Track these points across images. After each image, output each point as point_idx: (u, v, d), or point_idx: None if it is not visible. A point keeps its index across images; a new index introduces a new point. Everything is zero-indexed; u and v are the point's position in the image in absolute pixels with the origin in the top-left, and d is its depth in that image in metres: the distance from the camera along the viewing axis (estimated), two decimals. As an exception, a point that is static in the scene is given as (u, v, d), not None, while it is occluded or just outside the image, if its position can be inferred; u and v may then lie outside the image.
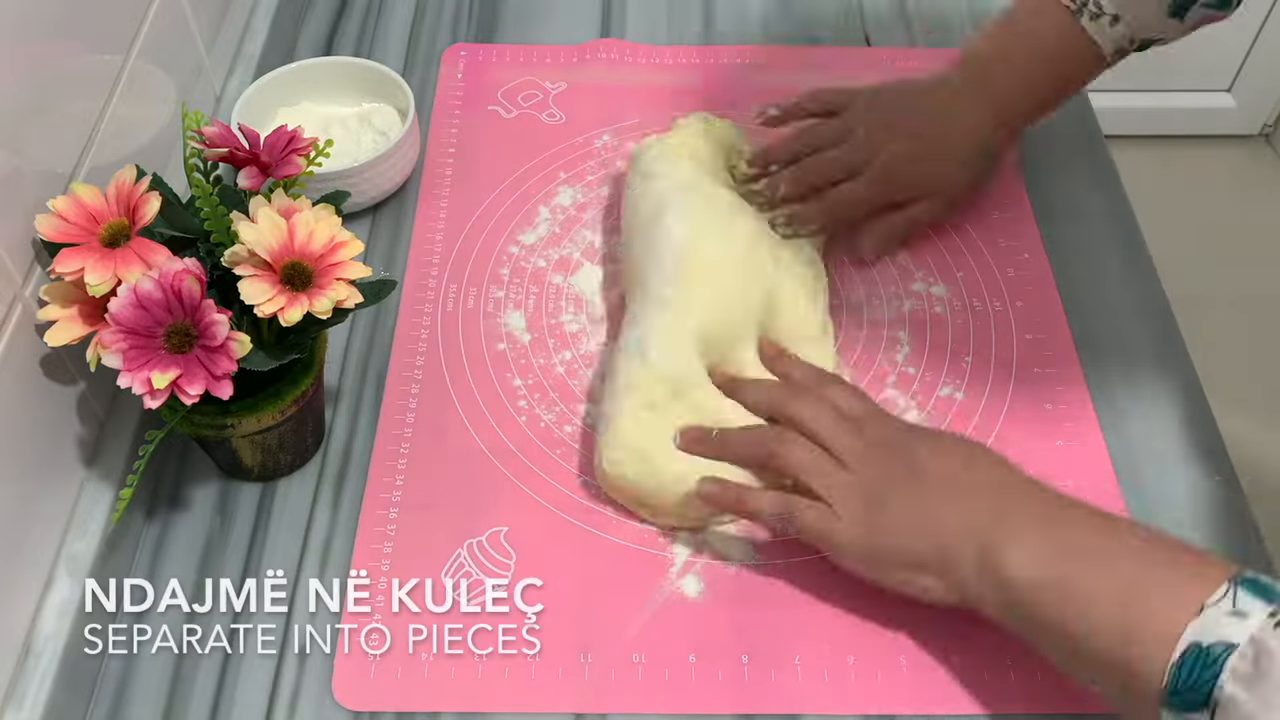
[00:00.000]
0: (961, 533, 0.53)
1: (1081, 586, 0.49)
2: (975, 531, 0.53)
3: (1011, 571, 0.50)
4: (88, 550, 0.57)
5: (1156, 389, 0.68)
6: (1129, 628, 0.47)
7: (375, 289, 0.58)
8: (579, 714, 0.56)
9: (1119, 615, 0.47)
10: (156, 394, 0.50)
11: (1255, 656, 0.43)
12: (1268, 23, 1.79)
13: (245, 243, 0.53)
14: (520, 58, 0.88)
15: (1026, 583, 0.50)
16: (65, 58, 0.60)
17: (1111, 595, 0.48)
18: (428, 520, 0.62)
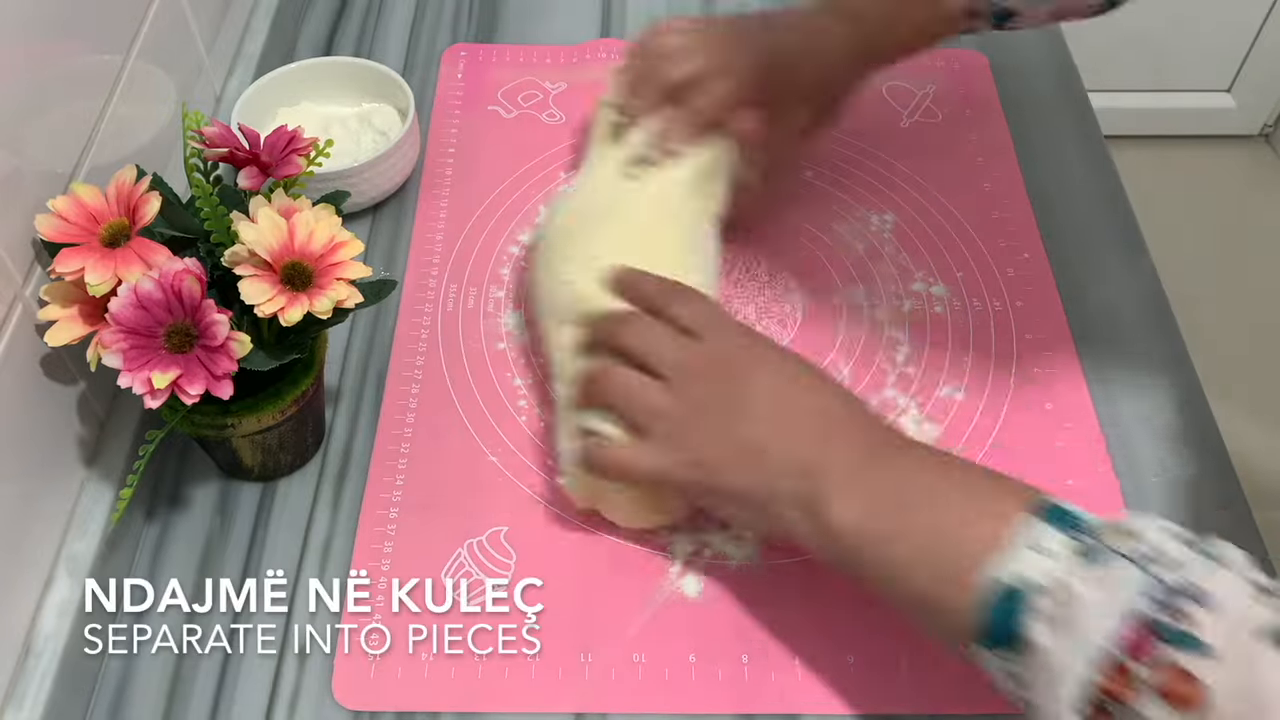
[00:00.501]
0: (785, 472, 0.52)
1: (895, 529, 0.49)
2: (796, 474, 0.52)
3: (834, 520, 0.50)
4: (88, 550, 0.57)
5: (1156, 389, 0.68)
6: (939, 570, 0.47)
7: (375, 289, 0.58)
8: (579, 714, 0.56)
9: (930, 559, 0.48)
10: (157, 394, 0.50)
11: (1058, 596, 0.42)
12: (1268, 23, 1.80)
13: (245, 243, 0.53)
14: (520, 58, 0.88)
15: (849, 531, 0.50)
16: (65, 58, 0.60)
17: (924, 540, 0.48)
18: (428, 520, 0.62)
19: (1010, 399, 0.68)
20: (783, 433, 0.53)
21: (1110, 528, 0.44)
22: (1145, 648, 0.40)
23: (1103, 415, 0.67)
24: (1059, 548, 0.44)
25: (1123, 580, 0.41)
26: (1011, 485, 0.49)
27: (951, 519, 0.48)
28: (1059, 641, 0.42)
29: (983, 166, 0.81)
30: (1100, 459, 0.65)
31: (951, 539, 0.47)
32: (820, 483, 0.51)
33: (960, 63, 0.88)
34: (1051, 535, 0.44)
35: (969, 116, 0.84)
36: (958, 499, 0.49)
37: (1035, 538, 0.44)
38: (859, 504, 0.50)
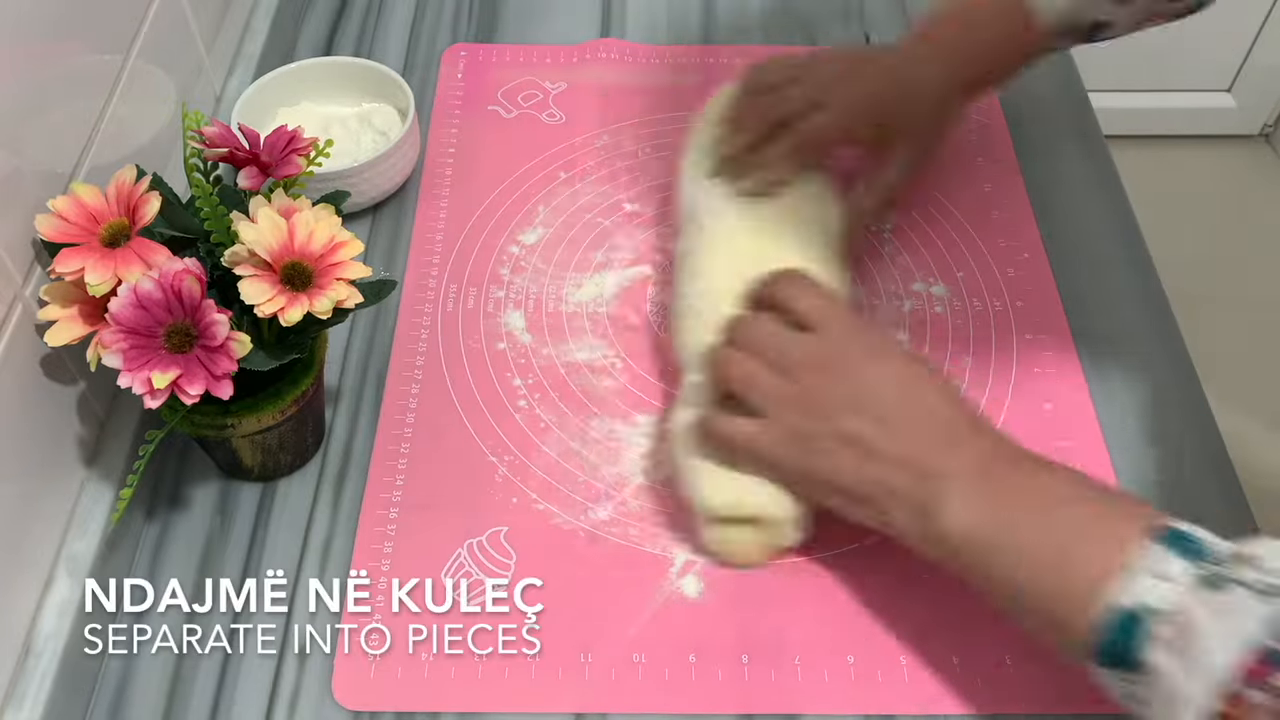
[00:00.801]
0: (897, 473, 0.52)
1: (1012, 547, 0.49)
2: (911, 475, 0.52)
3: (947, 524, 0.51)
4: (88, 550, 0.57)
5: (1156, 389, 0.68)
6: (1057, 588, 0.47)
7: (375, 289, 0.58)
8: (579, 714, 0.56)
9: (1049, 576, 0.48)
10: (156, 394, 0.50)
11: (1178, 622, 0.43)
12: (1268, 23, 1.80)
13: (245, 243, 0.53)
14: (520, 58, 0.88)
15: (961, 536, 0.50)
16: (65, 58, 0.60)
17: (1043, 554, 0.48)
18: (428, 520, 0.62)
19: (1010, 399, 0.68)
20: (900, 432, 0.53)
21: (1232, 555, 0.44)
22: (1263, 675, 0.41)
23: (1103, 415, 0.67)
24: (1180, 574, 0.44)
25: (1243, 609, 0.42)
26: (1134, 506, 0.49)
27: (1071, 537, 0.48)
28: (1179, 668, 0.43)
29: (983, 167, 0.81)
30: (1100, 459, 0.65)
31: (1071, 558, 0.47)
32: (936, 486, 0.51)
33: (960, 63, 0.88)
34: (1173, 560, 0.44)
35: (969, 117, 0.84)
36: (1078, 517, 0.48)
37: (1157, 563, 0.45)
38: (975, 512, 0.50)
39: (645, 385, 0.68)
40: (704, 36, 0.90)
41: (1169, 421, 0.67)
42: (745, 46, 0.89)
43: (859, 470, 0.54)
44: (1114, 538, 0.46)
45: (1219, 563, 0.44)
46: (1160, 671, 0.43)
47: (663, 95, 0.84)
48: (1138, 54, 1.82)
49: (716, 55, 0.88)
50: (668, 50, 0.88)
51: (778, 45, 0.89)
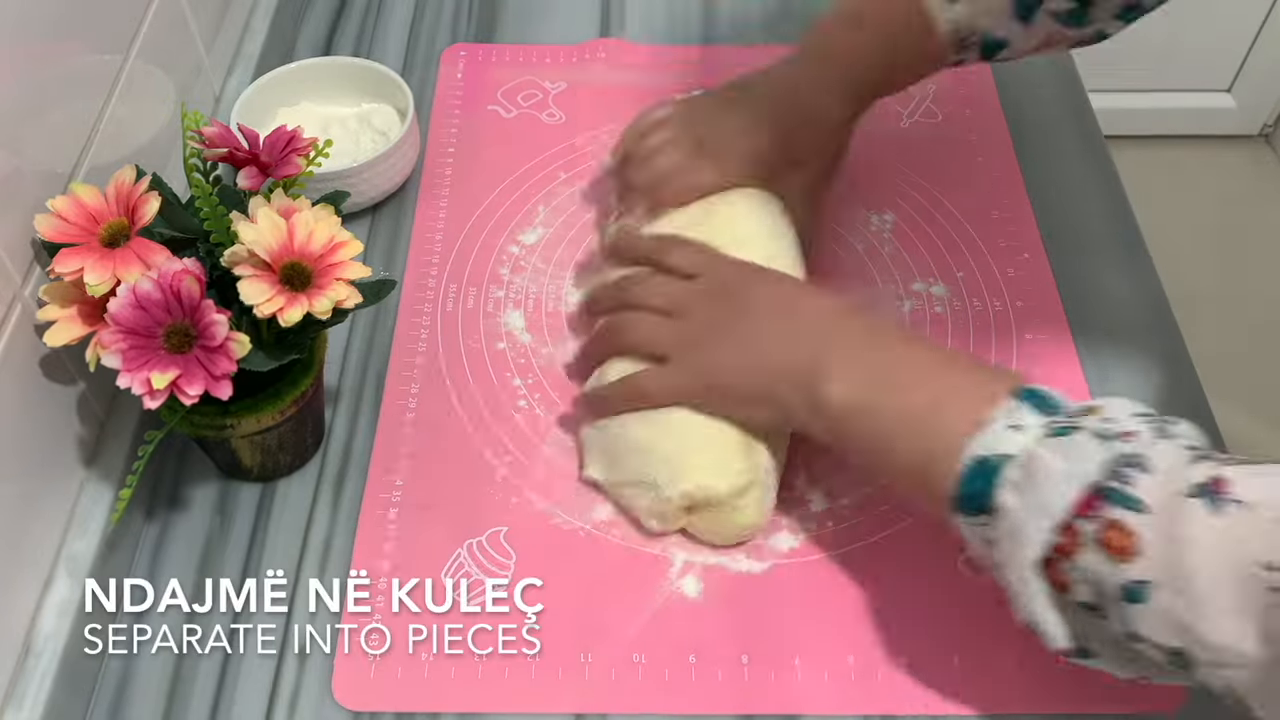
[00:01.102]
0: (788, 369, 0.57)
1: (887, 409, 0.53)
2: (800, 366, 0.56)
3: (828, 392, 0.54)
4: (88, 550, 0.57)
5: (1156, 388, 0.68)
6: (926, 444, 0.51)
7: (375, 289, 0.58)
8: (579, 714, 0.56)
9: (918, 434, 0.52)
10: (156, 394, 0.50)
11: (1026, 465, 0.47)
12: (1268, 23, 1.80)
13: (245, 243, 0.53)
14: (520, 58, 0.88)
15: (841, 409, 0.54)
16: (65, 58, 0.60)
17: (912, 416, 0.52)
18: (428, 520, 0.62)
19: (1010, 399, 0.67)
20: (784, 330, 0.58)
21: (1082, 408, 0.49)
22: (1092, 507, 0.45)
23: (1103, 415, 0.67)
24: (1033, 423, 0.49)
25: (1083, 451, 0.46)
26: (1000, 373, 0.54)
27: (941, 397, 0.52)
28: (1023, 505, 0.47)
29: (983, 166, 0.81)
30: (1100, 459, 0.65)
31: (938, 416, 0.51)
32: (818, 364, 0.55)
33: (960, 63, 0.88)
34: (1028, 413, 0.49)
35: (969, 116, 0.84)
36: (948, 381, 0.53)
37: (1014, 416, 0.49)
38: (852, 381, 0.54)
39: (645, 385, 0.68)
40: (704, 36, 0.90)
41: (1169, 421, 0.67)
42: (745, 47, 0.89)
43: (756, 374, 0.58)
44: (980, 397, 0.50)
45: (1069, 415, 0.49)
46: (1007, 509, 0.47)
47: (662, 95, 0.84)
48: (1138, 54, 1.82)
49: (716, 55, 0.88)
50: (668, 50, 0.88)
51: (777, 45, 0.89)
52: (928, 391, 0.53)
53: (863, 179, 0.79)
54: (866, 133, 0.81)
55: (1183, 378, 0.69)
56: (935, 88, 0.85)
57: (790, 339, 0.57)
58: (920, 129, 0.83)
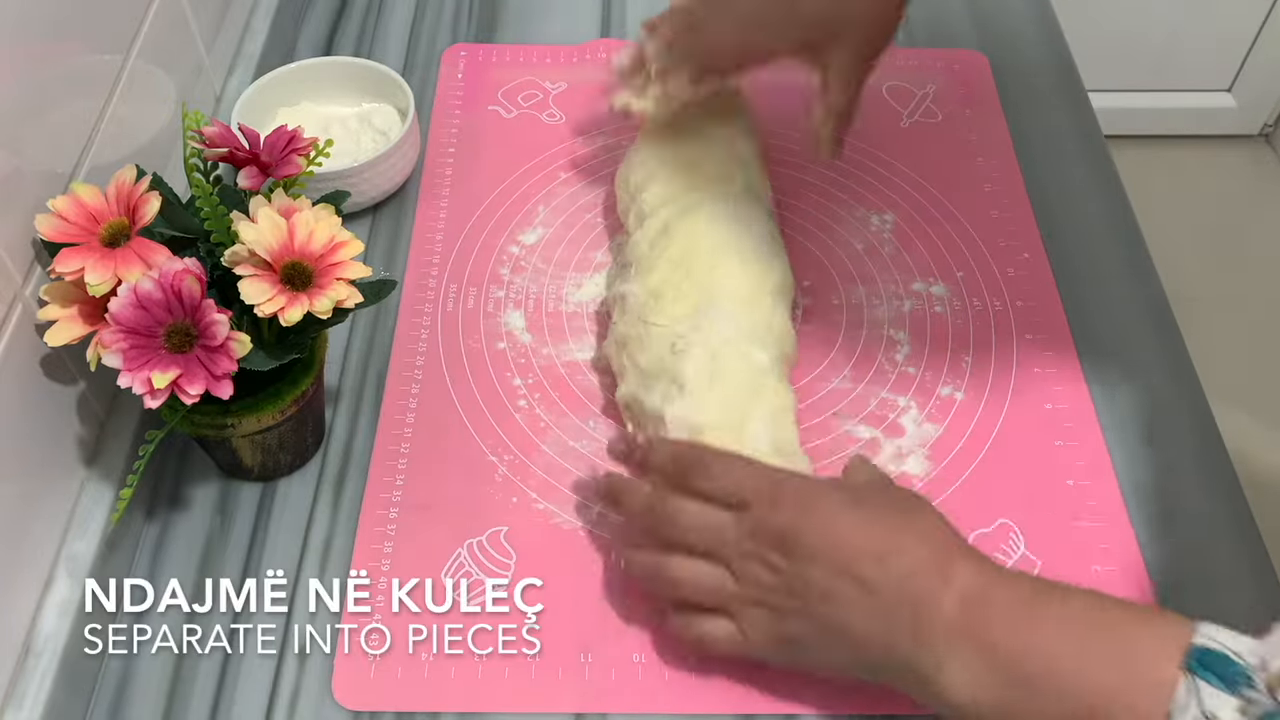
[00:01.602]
0: (887, 660, 0.49)
1: (1032, 710, 0.45)
2: (903, 656, 0.48)
3: (952, 697, 0.47)
4: (88, 550, 0.57)
5: (1156, 388, 0.68)
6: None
7: (375, 289, 0.58)
8: (579, 714, 0.56)
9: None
10: (156, 394, 0.50)
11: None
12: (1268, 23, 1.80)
13: (245, 243, 0.53)
14: (520, 58, 0.88)
15: (972, 708, 0.47)
16: (65, 58, 0.60)
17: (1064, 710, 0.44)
18: (428, 520, 0.62)
19: (1010, 399, 0.68)
20: (871, 609, 0.49)
21: (1271, 678, 0.41)
22: None
23: (1103, 415, 0.67)
24: (1226, 711, 0.41)
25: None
26: (1150, 636, 0.44)
27: (1096, 697, 0.44)
28: None
29: (983, 166, 0.81)
30: (1100, 459, 0.65)
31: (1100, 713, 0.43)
32: (924, 654, 0.47)
33: (960, 63, 0.88)
34: (1215, 696, 0.41)
35: (969, 116, 0.84)
36: (1098, 670, 0.44)
37: (1200, 703, 0.41)
38: (976, 684, 0.46)
39: (645, 385, 0.68)
40: (704, 36, 0.90)
41: (1169, 421, 0.67)
42: (745, 46, 0.89)
43: (846, 654, 0.51)
44: (1145, 686, 0.43)
45: (1261, 687, 0.41)
46: None
47: (663, 95, 0.84)
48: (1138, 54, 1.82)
49: (716, 55, 0.88)
50: (668, 50, 0.88)
51: (778, 45, 0.89)
52: (1080, 693, 0.44)
53: (863, 179, 0.79)
54: (866, 133, 0.82)
55: (1183, 378, 0.69)
56: (935, 88, 0.86)
57: (881, 621, 0.48)
58: (920, 129, 0.83)
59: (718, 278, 0.64)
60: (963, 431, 0.66)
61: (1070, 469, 0.64)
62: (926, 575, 0.48)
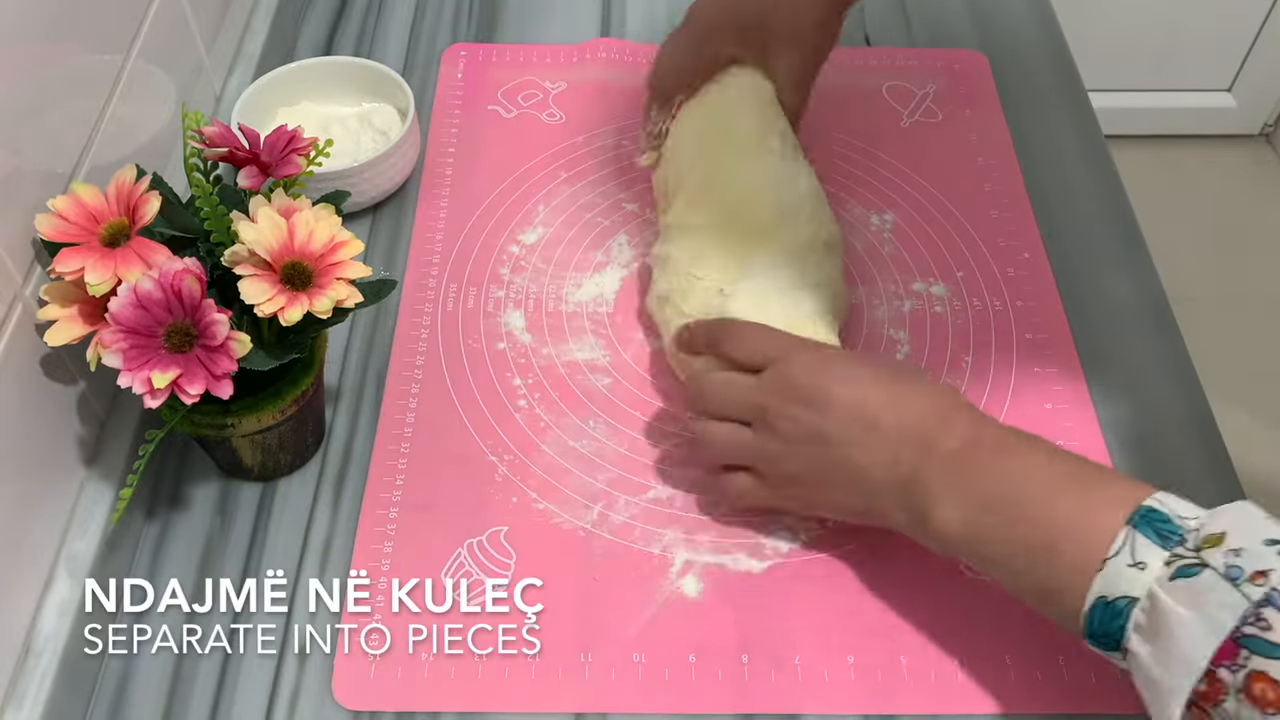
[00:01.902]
0: (885, 489, 0.55)
1: (1002, 541, 0.51)
2: (898, 487, 0.54)
3: (938, 525, 0.53)
4: (88, 550, 0.57)
5: (1156, 388, 0.68)
6: (1046, 582, 0.49)
7: (375, 289, 0.58)
8: (579, 714, 0.56)
9: (1037, 569, 0.50)
10: (156, 394, 0.50)
11: (1152, 611, 0.45)
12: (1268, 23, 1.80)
13: (245, 242, 0.53)
14: (520, 58, 0.88)
15: (951, 536, 0.52)
16: (65, 58, 0.60)
17: (1029, 551, 0.50)
18: (428, 520, 0.62)
19: (1010, 399, 0.68)
20: (874, 446, 0.55)
21: (1207, 535, 0.46)
22: (1233, 656, 0.43)
23: (1103, 415, 0.67)
24: (1155, 561, 0.46)
25: (1214, 597, 0.44)
26: (1111, 488, 0.50)
27: (1055, 532, 0.49)
28: (1156, 655, 0.45)
29: (983, 166, 0.81)
30: (1100, 459, 0.65)
31: (1055, 553, 0.49)
32: (920, 491, 0.53)
33: (960, 63, 0.88)
34: (1148, 547, 0.46)
35: (969, 116, 0.84)
36: (1061, 508, 0.50)
37: (1133, 552, 0.47)
38: (960, 510, 0.52)
39: (644, 384, 0.68)
40: (704, 36, 0.90)
41: (1169, 421, 0.67)
42: (745, 46, 0.89)
43: (850, 494, 0.56)
44: (1097, 528, 0.48)
45: (1191, 546, 0.46)
46: (1140, 657, 0.46)
47: (663, 95, 0.84)
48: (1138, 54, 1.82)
49: (716, 55, 0.88)
50: (668, 50, 0.88)
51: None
52: (1042, 522, 0.50)
53: (863, 179, 0.79)
54: (867, 133, 0.82)
55: (1183, 377, 0.69)
56: (935, 88, 0.86)
57: (882, 456, 0.54)
58: (920, 129, 0.83)
59: (765, 232, 0.66)
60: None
61: (1070, 469, 0.64)
62: (931, 419, 0.54)
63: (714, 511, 0.62)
